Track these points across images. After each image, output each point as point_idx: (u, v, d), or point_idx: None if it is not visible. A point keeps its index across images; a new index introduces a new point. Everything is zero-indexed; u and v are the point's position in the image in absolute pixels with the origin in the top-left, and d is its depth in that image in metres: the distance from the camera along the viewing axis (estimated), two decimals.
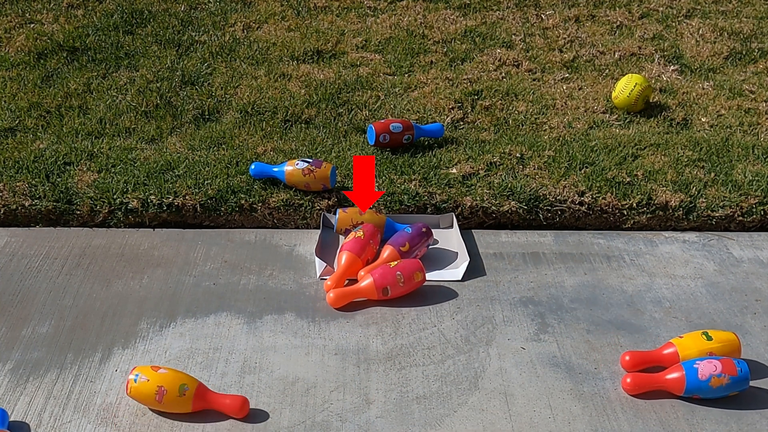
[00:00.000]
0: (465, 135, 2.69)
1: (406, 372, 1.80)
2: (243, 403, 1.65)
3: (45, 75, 3.02)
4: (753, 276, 2.17)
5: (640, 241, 2.31)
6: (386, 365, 1.81)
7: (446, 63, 3.22)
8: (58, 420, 1.65)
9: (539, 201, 2.36)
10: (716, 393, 1.70)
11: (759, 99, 2.98)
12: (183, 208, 2.31)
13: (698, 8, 3.78)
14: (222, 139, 2.62)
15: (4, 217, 2.30)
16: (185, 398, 1.63)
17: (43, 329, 1.89)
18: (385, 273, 1.99)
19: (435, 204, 2.36)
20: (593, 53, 3.33)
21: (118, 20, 3.47)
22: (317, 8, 3.69)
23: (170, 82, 2.97)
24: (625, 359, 1.80)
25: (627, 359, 1.79)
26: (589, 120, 2.81)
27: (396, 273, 1.98)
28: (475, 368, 1.81)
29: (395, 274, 1.98)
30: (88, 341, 1.86)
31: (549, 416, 1.69)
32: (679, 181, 2.44)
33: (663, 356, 1.79)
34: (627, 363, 1.79)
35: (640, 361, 1.79)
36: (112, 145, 2.55)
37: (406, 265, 2.02)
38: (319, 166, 2.32)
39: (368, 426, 1.65)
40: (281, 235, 2.30)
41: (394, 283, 1.98)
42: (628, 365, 1.79)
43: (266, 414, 1.67)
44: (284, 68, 3.11)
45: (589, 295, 2.07)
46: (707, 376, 1.68)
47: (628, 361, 1.79)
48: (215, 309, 1.98)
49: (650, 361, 1.80)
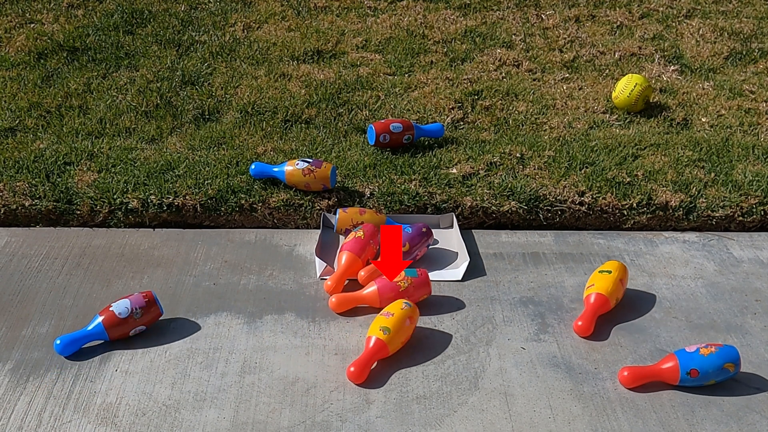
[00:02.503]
0: (465, 135, 2.70)
1: (406, 372, 1.80)
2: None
3: (45, 75, 3.02)
4: (753, 276, 2.17)
5: (640, 241, 2.31)
6: (386, 365, 1.81)
7: (446, 63, 3.22)
8: (58, 420, 1.65)
9: (539, 201, 2.36)
10: (710, 361, 1.73)
11: (759, 99, 2.98)
12: (183, 208, 2.31)
13: (698, 8, 3.78)
14: (222, 139, 2.62)
15: (4, 217, 2.30)
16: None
17: (43, 329, 1.89)
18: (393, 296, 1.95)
19: (435, 204, 2.36)
20: (593, 53, 3.33)
21: (118, 20, 3.48)
22: (317, 8, 3.69)
23: (170, 82, 2.97)
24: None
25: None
26: (589, 120, 2.81)
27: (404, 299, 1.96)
28: (475, 368, 1.81)
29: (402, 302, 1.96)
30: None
31: (549, 416, 1.69)
32: (679, 181, 2.44)
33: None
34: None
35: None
36: (112, 145, 2.55)
37: (415, 289, 1.97)
38: (319, 166, 2.32)
39: (368, 426, 1.65)
40: (281, 235, 2.30)
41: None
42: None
43: (266, 414, 1.67)
44: (284, 68, 3.11)
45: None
46: (694, 348, 1.76)
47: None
48: (215, 309, 1.98)
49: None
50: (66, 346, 1.80)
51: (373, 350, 1.78)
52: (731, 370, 1.75)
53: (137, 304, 1.85)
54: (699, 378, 1.73)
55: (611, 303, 1.95)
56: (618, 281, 1.98)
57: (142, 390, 1.72)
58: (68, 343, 1.80)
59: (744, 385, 1.78)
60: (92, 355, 1.82)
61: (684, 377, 1.73)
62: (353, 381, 1.75)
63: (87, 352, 1.82)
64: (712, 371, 1.73)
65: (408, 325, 1.84)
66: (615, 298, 1.96)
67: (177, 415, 1.66)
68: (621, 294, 1.99)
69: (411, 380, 1.77)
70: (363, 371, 1.75)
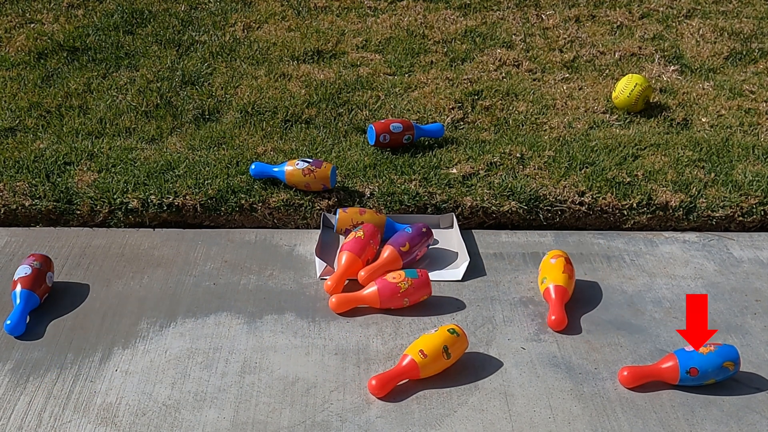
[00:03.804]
0: (465, 135, 2.70)
1: None
2: None
3: (45, 75, 3.02)
4: (753, 276, 2.17)
5: (641, 242, 2.31)
6: (386, 365, 1.81)
7: (446, 63, 3.22)
8: (58, 420, 1.65)
9: (539, 201, 2.36)
10: (709, 360, 1.73)
11: (759, 99, 2.98)
12: (183, 208, 2.31)
13: (698, 8, 3.78)
14: (222, 139, 2.62)
15: (4, 217, 2.30)
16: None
17: (43, 329, 1.89)
18: (393, 297, 1.95)
19: (435, 204, 2.36)
20: (593, 53, 3.33)
21: (118, 20, 3.48)
22: (317, 8, 3.69)
23: (170, 82, 2.97)
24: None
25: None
26: (589, 120, 2.81)
27: (404, 300, 1.96)
28: (475, 368, 1.81)
29: (402, 301, 1.96)
30: (88, 341, 1.86)
31: (549, 416, 1.69)
32: (679, 181, 2.44)
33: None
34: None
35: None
36: (112, 145, 2.55)
37: (415, 290, 1.97)
38: (319, 166, 2.32)
39: (368, 426, 1.65)
40: (281, 235, 2.30)
41: (399, 305, 1.97)
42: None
43: (266, 414, 1.67)
44: (284, 68, 3.11)
45: (589, 295, 2.07)
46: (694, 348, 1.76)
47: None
48: (215, 309, 1.98)
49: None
50: (15, 326, 1.86)
51: (402, 369, 1.74)
52: (731, 368, 1.75)
53: (30, 260, 1.99)
54: (699, 377, 1.73)
55: (569, 292, 2.01)
56: (566, 265, 2.03)
57: (142, 390, 1.72)
58: (16, 323, 1.86)
59: (744, 385, 1.78)
60: (92, 355, 1.82)
61: (684, 376, 1.73)
62: (375, 395, 1.71)
63: (87, 352, 1.83)
64: (712, 370, 1.73)
65: (446, 359, 1.76)
66: (570, 287, 2.01)
67: (177, 415, 1.66)
68: (573, 281, 2.04)
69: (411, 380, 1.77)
70: (385, 386, 1.71)
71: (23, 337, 1.87)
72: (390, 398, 1.72)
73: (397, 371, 1.74)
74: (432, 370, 1.75)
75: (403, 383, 1.75)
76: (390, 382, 1.72)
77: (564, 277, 2.00)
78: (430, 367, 1.75)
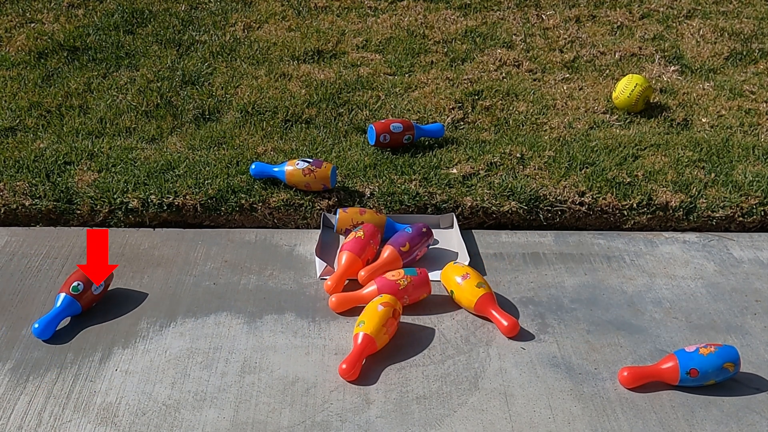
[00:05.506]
0: (465, 135, 2.70)
1: (406, 372, 1.80)
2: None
3: (45, 74, 3.02)
4: (753, 276, 2.17)
5: (641, 242, 2.31)
6: (386, 365, 1.81)
7: (447, 63, 3.22)
8: (58, 420, 1.65)
9: (539, 201, 2.36)
10: (710, 361, 1.73)
11: (759, 99, 2.99)
12: (183, 208, 2.31)
13: (699, 9, 3.78)
14: (222, 138, 2.62)
15: (5, 217, 2.30)
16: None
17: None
18: (393, 294, 1.95)
19: (435, 204, 2.36)
20: (594, 53, 3.33)
21: (118, 20, 3.48)
22: (318, 8, 3.69)
23: (171, 82, 2.97)
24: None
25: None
26: (589, 120, 2.81)
27: (403, 297, 1.96)
28: (475, 368, 1.81)
29: (402, 299, 1.96)
30: (88, 341, 1.86)
31: (549, 416, 1.69)
32: (679, 181, 2.44)
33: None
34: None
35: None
36: (112, 145, 2.55)
37: (414, 288, 1.98)
38: (319, 166, 2.32)
39: (368, 426, 1.65)
40: (281, 235, 2.30)
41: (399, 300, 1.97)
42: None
43: (266, 414, 1.67)
44: (285, 68, 3.11)
45: (590, 296, 2.07)
46: (694, 348, 1.76)
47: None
48: (215, 309, 1.98)
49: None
50: (44, 329, 1.84)
51: (359, 347, 1.79)
52: (731, 369, 1.75)
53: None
54: (699, 378, 1.73)
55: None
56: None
57: (142, 390, 1.72)
58: (46, 325, 1.84)
59: (744, 386, 1.78)
60: (92, 354, 1.82)
61: (684, 377, 1.73)
62: (347, 378, 1.75)
63: (87, 351, 1.83)
64: (712, 371, 1.73)
65: (381, 309, 1.83)
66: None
67: (177, 415, 1.66)
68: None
69: (411, 380, 1.77)
70: (355, 367, 1.75)
71: (24, 337, 1.87)
72: (390, 398, 1.72)
73: (357, 351, 1.78)
74: (383, 332, 1.81)
75: (406, 380, 1.75)
76: (357, 363, 1.76)
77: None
78: (380, 332, 1.80)
